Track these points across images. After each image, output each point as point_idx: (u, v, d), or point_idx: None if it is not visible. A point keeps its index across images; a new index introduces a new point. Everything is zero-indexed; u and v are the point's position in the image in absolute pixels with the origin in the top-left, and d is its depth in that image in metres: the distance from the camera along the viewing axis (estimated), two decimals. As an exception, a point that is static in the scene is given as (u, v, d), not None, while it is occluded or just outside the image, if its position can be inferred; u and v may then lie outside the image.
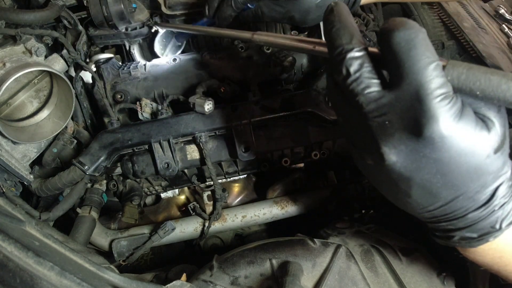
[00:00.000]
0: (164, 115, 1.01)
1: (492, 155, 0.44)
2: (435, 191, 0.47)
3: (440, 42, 1.19)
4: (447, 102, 0.41)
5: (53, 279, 0.51)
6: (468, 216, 0.48)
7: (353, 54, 0.46)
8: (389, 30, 0.44)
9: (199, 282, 0.82)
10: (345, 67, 0.46)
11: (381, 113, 0.45)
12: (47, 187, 1.00)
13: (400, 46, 0.43)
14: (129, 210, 1.13)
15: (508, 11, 1.40)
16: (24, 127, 0.99)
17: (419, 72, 0.42)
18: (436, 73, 0.41)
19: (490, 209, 0.47)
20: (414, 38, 0.42)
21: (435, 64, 0.42)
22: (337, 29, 0.48)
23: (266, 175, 1.29)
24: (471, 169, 0.44)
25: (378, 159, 0.48)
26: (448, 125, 0.42)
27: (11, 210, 0.63)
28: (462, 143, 0.43)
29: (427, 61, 0.41)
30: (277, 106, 1.01)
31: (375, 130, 0.46)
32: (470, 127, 0.43)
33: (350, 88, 0.47)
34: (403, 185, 0.48)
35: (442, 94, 0.41)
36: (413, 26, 0.43)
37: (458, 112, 0.42)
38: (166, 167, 1.00)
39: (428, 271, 0.85)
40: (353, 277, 0.81)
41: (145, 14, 1.09)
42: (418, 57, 0.42)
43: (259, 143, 1.01)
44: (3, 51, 0.91)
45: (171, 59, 1.08)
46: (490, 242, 0.50)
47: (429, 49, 0.42)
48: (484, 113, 0.45)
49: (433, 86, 0.41)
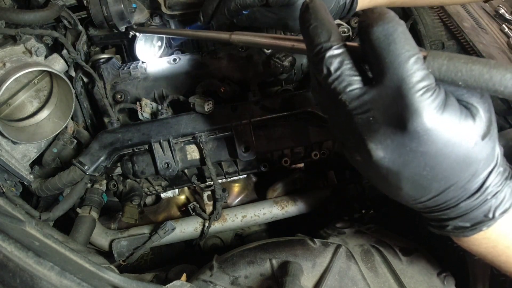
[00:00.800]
0: (164, 115, 1.01)
1: (479, 142, 0.44)
2: (426, 183, 0.47)
3: (440, 42, 1.19)
4: (429, 94, 0.41)
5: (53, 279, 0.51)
6: (460, 206, 0.48)
7: (332, 52, 0.45)
8: (368, 25, 0.43)
9: (199, 282, 0.82)
10: (325, 66, 0.46)
11: (364, 109, 0.45)
12: (47, 187, 1.00)
13: (379, 41, 0.42)
14: (129, 210, 1.13)
15: (508, 11, 1.40)
16: (24, 127, 0.99)
17: (400, 66, 0.41)
18: (416, 67, 0.41)
19: (482, 197, 0.47)
20: (393, 32, 0.41)
21: (416, 58, 0.41)
22: (314, 27, 0.47)
23: (266, 175, 1.29)
24: (460, 159, 0.44)
25: (365, 156, 0.47)
26: (432, 117, 0.41)
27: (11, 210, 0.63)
28: (448, 134, 0.42)
29: (407, 55, 0.41)
30: (277, 106, 1.01)
31: (360, 127, 0.46)
32: (454, 117, 0.42)
33: (332, 87, 0.46)
34: (393, 179, 0.48)
35: (424, 87, 0.41)
36: (391, 20, 0.42)
37: (442, 103, 0.42)
38: (166, 167, 1.00)
39: (428, 271, 0.85)
40: (353, 277, 0.81)
41: (145, 14, 1.09)
42: (398, 52, 0.41)
43: (259, 143, 1.01)
44: (3, 51, 0.91)
45: (171, 59, 1.08)
46: (483, 231, 0.49)
47: (408, 43, 0.42)
48: (468, 100, 0.44)
49: (415, 80, 0.41)
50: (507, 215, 0.47)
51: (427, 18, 1.22)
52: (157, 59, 1.09)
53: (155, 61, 1.09)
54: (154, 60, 1.09)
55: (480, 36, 1.19)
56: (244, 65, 1.08)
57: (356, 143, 0.48)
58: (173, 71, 1.07)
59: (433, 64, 0.42)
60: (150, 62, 1.08)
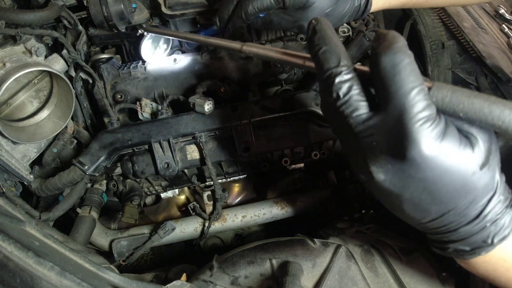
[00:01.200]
0: (164, 115, 1.01)
1: (478, 171, 0.45)
2: (425, 206, 0.48)
3: (440, 42, 1.19)
4: (429, 124, 0.43)
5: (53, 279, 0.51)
6: (460, 230, 0.49)
7: (342, 77, 0.47)
8: (377, 53, 0.45)
9: (199, 282, 0.82)
10: (335, 90, 0.48)
11: (368, 134, 0.47)
12: (47, 187, 1.00)
13: (385, 70, 0.44)
14: (129, 210, 1.13)
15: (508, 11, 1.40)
16: (24, 127, 0.99)
17: (403, 97, 0.43)
18: (418, 98, 0.43)
19: (481, 224, 0.48)
20: (399, 63, 0.43)
21: (418, 89, 0.43)
22: (323, 51, 0.49)
23: (266, 175, 1.29)
24: (458, 186, 0.45)
25: (368, 176, 0.50)
26: (430, 146, 0.43)
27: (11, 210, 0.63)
28: (446, 162, 0.44)
29: (410, 86, 0.43)
30: (277, 106, 1.01)
31: (364, 149, 0.49)
32: (453, 146, 0.44)
33: (340, 110, 0.48)
34: (395, 200, 0.50)
35: (424, 117, 0.42)
36: (399, 50, 0.44)
37: (441, 133, 0.43)
38: (166, 167, 1.00)
39: (428, 271, 0.85)
40: (353, 277, 0.81)
41: (145, 14, 1.09)
42: (402, 82, 0.43)
43: (259, 143, 1.01)
44: (3, 51, 0.91)
45: (171, 59, 1.08)
46: (482, 256, 0.51)
47: (413, 74, 0.43)
48: (468, 129, 0.46)
49: (415, 111, 0.42)
50: (506, 241, 0.49)
51: (427, 18, 1.22)
52: (157, 59, 1.09)
53: (155, 61, 1.09)
54: (154, 60, 1.09)
55: (480, 36, 1.19)
56: (244, 65, 1.08)
57: (361, 163, 0.50)
58: (173, 71, 1.07)
59: (437, 95, 0.44)
60: (150, 62, 1.08)
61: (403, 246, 0.90)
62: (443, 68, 1.19)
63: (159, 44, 1.10)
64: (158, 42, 1.10)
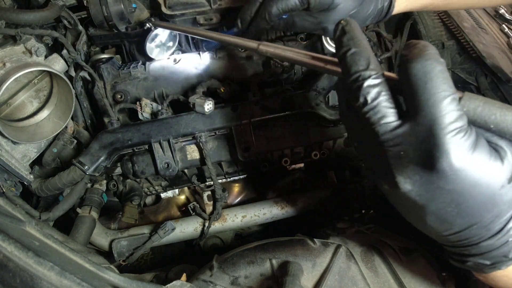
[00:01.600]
0: (164, 115, 1.01)
1: (506, 185, 0.44)
2: (450, 219, 0.48)
3: (440, 42, 1.19)
4: (461, 136, 0.41)
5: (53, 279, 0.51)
6: (481, 245, 0.49)
7: (371, 81, 0.45)
8: (408, 59, 0.43)
9: (199, 282, 0.82)
10: (362, 95, 0.46)
11: (396, 143, 0.46)
12: (47, 187, 1.00)
13: (416, 78, 0.42)
14: (129, 210, 1.13)
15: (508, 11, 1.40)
16: (24, 127, 0.99)
17: (434, 106, 0.42)
18: (451, 107, 0.41)
19: (504, 239, 0.47)
20: (431, 71, 0.42)
21: (451, 98, 0.41)
22: (352, 53, 0.47)
23: (266, 175, 1.29)
24: (486, 199, 0.45)
25: (393, 186, 0.48)
26: (461, 158, 0.42)
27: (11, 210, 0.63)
28: (476, 175, 0.43)
29: (443, 95, 0.41)
30: (277, 106, 1.01)
31: (390, 159, 0.47)
32: (483, 159, 0.43)
33: (367, 116, 0.46)
34: (419, 211, 0.49)
35: (457, 129, 0.41)
36: (431, 57, 0.42)
37: (472, 145, 0.42)
38: (166, 167, 1.00)
39: (428, 271, 0.85)
40: (353, 277, 0.81)
41: (145, 14, 1.09)
42: (434, 91, 0.42)
43: (259, 143, 1.01)
44: (3, 51, 0.91)
45: (171, 59, 1.08)
46: (502, 270, 0.50)
47: (446, 82, 0.42)
48: (497, 142, 0.45)
49: (447, 121, 0.41)
50: None
51: (427, 18, 1.22)
52: (157, 59, 1.09)
53: (155, 61, 1.09)
54: (154, 60, 1.09)
55: (480, 36, 1.19)
56: (244, 65, 1.08)
57: (385, 173, 0.49)
58: (173, 71, 1.07)
59: (468, 105, 0.43)
60: (150, 62, 1.08)
61: (403, 246, 0.90)
62: (443, 68, 1.19)
63: (164, 42, 1.10)
64: (163, 41, 1.09)
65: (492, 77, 1.14)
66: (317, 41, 1.10)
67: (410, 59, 0.43)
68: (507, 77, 1.09)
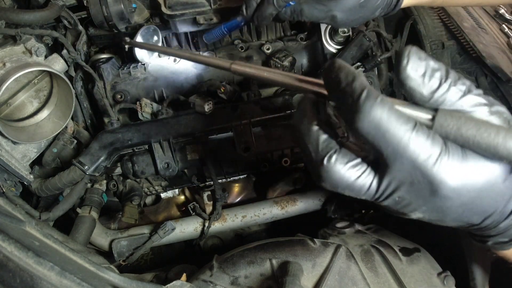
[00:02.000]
0: (164, 115, 1.01)
1: (509, 176, 0.44)
2: (466, 219, 0.48)
3: (440, 42, 1.19)
4: (445, 159, 0.40)
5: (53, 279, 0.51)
6: (499, 226, 0.50)
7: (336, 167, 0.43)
8: (351, 120, 0.40)
9: (199, 282, 0.82)
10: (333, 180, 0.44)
11: (385, 197, 0.45)
12: (47, 187, 1.00)
13: (370, 135, 0.39)
14: (129, 210, 1.13)
15: (508, 11, 1.40)
16: (24, 127, 0.99)
17: (405, 152, 0.39)
18: (420, 142, 0.39)
19: None
20: (381, 120, 0.38)
21: (415, 132, 0.39)
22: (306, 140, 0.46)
23: (266, 175, 1.29)
24: (495, 195, 0.45)
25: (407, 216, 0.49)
26: (456, 178, 0.41)
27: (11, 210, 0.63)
28: (478, 182, 0.43)
29: (407, 137, 0.39)
30: (277, 106, 1.01)
31: (390, 206, 0.47)
32: (477, 165, 0.42)
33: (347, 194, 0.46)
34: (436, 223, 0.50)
35: (436, 156, 0.40)
36: (372, 106, 0.38)
37: (460, 160, 0.41)
38: (166, 167, 1.00)
39: (428, 271, 0.85)
40: (353, 277, 0.81)
41: (145, 14, 1.09)
42: (396, 139, 0.39)
43: (259, 143, 1.01)
44: (3, 51, 0.91)
45: (171, 59, 1.08)
46: None
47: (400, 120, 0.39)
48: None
49: (424, 157, 0.39)
50: None
51: (427, 18, 1.22)
52: (157, 59, 1.09)
53: (155, 61, 1.09)
54: (154, 60, 1.09)
55: (480, 36, 1.19)
56: (244, 65, 1.07)
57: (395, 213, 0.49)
58: (173, 71, 1.07)
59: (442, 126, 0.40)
60: (150, 62, 1.08)
61: (403, 246, 0.90)
62: (443, 68, 1.19)
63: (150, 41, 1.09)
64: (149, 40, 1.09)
65: (492, 77, 1.14)
66: (317, 41, 1.10)
67: (353, 119, 0.40)
68: (507, 77, 1.09)
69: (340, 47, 1.08)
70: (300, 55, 1.11)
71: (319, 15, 0.86)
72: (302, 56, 1.12)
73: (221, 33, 0.95)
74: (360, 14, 0.85)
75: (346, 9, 0.84)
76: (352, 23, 0.89)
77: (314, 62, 1.12)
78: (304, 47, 1.13)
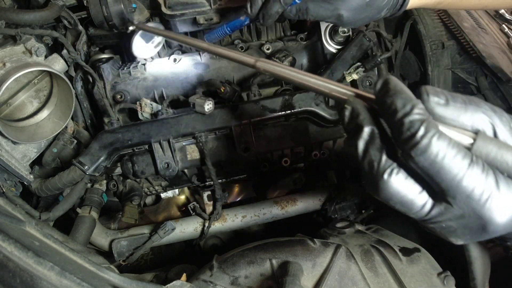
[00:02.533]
0: (164, 115, 1.01)
1: None
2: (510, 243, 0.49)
3: (440, 42, 1.19)
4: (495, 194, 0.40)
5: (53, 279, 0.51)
6: None
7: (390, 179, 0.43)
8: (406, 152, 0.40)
9: (199, 282, 0.82)
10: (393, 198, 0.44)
11: (434, 222, 0.45)
12: (47, 187, 1.00)
13: (426, 169, 0.40)
14: (129, 210, 1.13)
15: (508, 11, 1.40)
16: (24, 127, 0.99)
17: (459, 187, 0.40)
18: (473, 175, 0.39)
19: None
20: (436, 158, 0.39)
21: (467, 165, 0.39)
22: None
23: (266, 175, 1.29)
24: None
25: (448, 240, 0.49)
26: (505, 215, 0.41)
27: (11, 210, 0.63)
28: None
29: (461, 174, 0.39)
30: (277, 106, 1.01)
31: (437, 229, 0.47)
32: None
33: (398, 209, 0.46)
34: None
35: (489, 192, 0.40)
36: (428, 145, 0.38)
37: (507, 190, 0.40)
38: (166, 167, 1.00)
39: (428, 271, 0.85)
40: (353, 277, 0.81)
41: (145, 14, 1.09)
42: (450, 175, 0.39)
43: (259, 143, 1.01)
44: (3, 51, 0.91)
45: (171, 59, 1.08)
46: None
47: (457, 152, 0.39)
48: None
49: (478, 193, 0.39)
50: None
51: (427, 18, 1.22)
52: (157, 59, 1.09)
53: (155, 61, 1.09)
54: (154, 60, 1.09)
55: (480, 36, 1.19)
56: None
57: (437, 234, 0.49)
58: (173, 71, 1.07)
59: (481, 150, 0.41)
60: (150, 62, 1.08)
61: (403, 246, 0.90)
62: (443, 68, 1.19)
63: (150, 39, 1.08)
64: (150, 38, 1.08)
65: (492, 77, 1.14)
66: (317, 41, 1.10)
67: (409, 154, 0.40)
68: (507, 77, 1.09)
69: (340, 47, 1.08)
70: (300, 55, 1.11)
71: (325, 13, 0.85)
72: (302, 56, 1.12)
73: (224, 33, 0.94)
74: (366, 14, 0.85)
75: (353, 8, 0.83)
76: (357, 23, 0.88)
77: (314, 62, 1.12)
78: (304, 47, 1.13)
